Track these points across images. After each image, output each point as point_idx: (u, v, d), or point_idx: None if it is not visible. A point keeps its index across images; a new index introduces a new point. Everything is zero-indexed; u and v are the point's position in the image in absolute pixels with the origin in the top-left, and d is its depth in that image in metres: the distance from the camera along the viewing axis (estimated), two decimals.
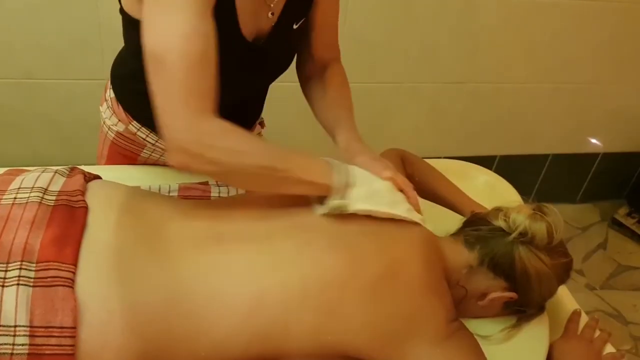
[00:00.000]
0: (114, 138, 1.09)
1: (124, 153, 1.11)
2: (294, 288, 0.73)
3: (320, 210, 0.80)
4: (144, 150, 1.10)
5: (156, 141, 1.07)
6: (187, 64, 0.69)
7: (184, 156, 0.70)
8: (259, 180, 0.75)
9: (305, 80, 1.06)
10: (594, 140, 2.35)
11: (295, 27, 0.94)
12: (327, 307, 0.73)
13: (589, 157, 2.41)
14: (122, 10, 0.88)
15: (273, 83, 1.06)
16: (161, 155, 1.11)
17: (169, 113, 0.70)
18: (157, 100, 0.71)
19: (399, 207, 0.83)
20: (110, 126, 1.08)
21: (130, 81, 0.96)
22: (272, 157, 0.74)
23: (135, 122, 1.04)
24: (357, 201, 0.79)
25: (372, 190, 0.81)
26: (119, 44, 0.99)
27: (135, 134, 1.06)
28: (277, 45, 0.93)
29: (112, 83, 1.06)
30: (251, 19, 0.86)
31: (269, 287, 0.73)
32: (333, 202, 0.78)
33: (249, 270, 0.74)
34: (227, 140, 0.72)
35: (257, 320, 0.71)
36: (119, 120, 1.06)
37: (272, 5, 0.87)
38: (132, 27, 0.82)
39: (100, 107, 1.10)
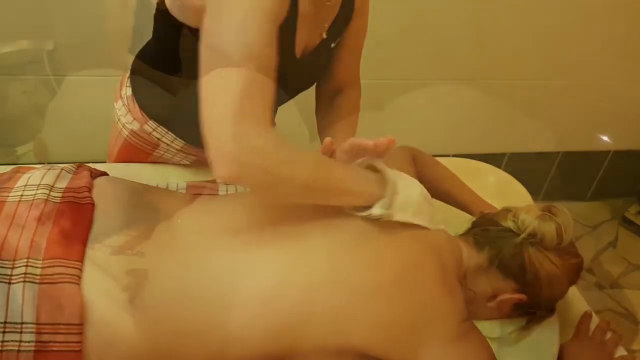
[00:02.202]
0: (127, 136, 1.08)
1: (136, 152, 1.10)
2: (308, 284, 0.72)
3: (363, 214, 0.78)
4: (157, 150, 1.09)
5: (172, 142, 1.06)
6: (253, 76, 0.67)
7: (234, 165, 0.64)
8: (309, 191, 0.72)
9: (319, 99, 1.05)
10: (605, 138, 2.33)
11: (332, 45, 0.95)
12: (342, 304, 0.73)
13: (599, 155, 2.39)
14: (160, 6, 0.86)
15: None
16: (174, 155, 1.10)
17: (222, 122, 0.65)
18: (209, 109, 0.66)
19: (426, 217, 0.82)
20: (125, 124, 1.07)
21: (154, 78, 0.96)
22: (324, 167, 0.73)
23: (151, 121, 1.04)
24: (400, 211, 0.78)
25: (410, 199, 0.80)
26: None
27: (150, 133, 1.06)
28: (316, 62, 0.93)
29: (131, 79, 1.04)
30: (303, 38, 0.86)
31: (283, 282, 0.72)
32: (378, 210, 0.76)
33: (262, 265, 0.73)
34: (279, 150, 0.68)
35: (270, 315, 0.71)
36: (134, 119, 1.05)
37: (326, 25, 0.88)
38: (168, 24, 0.82)
39: (115, 104, 1.09)
